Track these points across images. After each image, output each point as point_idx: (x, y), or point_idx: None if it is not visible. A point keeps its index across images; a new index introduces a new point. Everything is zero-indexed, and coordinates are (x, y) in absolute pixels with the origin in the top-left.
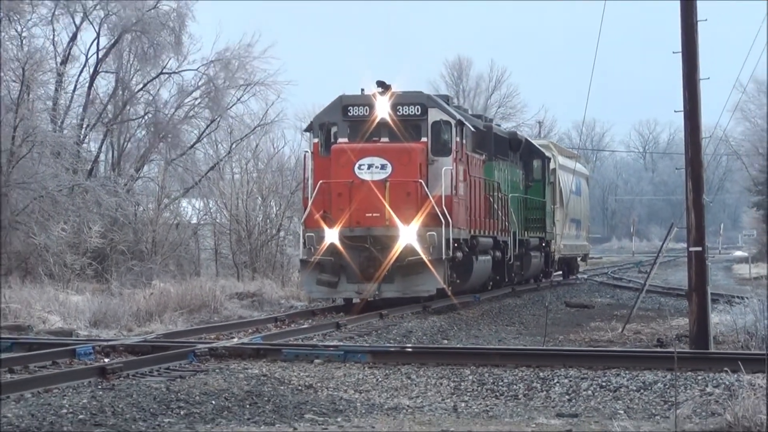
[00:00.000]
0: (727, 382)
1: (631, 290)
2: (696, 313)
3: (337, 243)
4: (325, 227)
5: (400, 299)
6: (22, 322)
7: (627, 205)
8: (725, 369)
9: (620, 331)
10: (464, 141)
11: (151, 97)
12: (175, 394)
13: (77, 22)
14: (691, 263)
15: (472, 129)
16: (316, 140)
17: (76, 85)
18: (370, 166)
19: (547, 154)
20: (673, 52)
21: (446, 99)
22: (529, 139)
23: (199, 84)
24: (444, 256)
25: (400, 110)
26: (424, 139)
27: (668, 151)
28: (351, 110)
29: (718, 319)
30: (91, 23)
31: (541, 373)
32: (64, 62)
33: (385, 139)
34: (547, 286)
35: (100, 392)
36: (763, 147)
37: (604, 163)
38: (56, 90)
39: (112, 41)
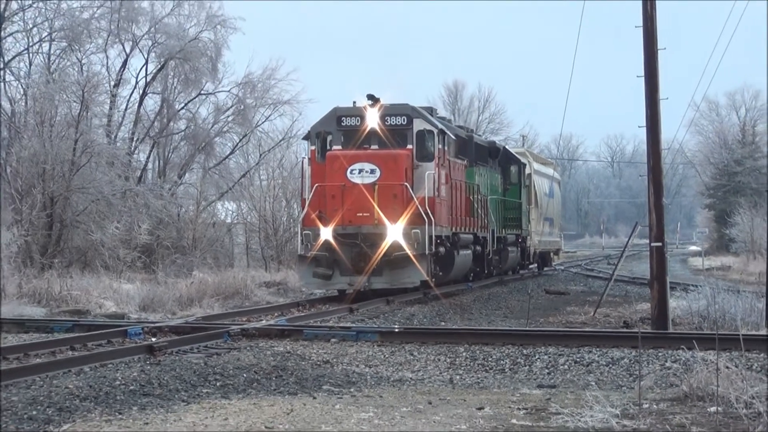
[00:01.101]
0: (684, 358)
1: (602, 279)
2: (657, 299)
3: (331, 240)
4: (321, 226)
5: (389, 290)
6: (81, 306)
7: (597, 206)
8: (682, 347)
9: (592, 315)
10: (446, 148)
11: (191, 115)
12: (212, 369)
13: (128, 50)
14: (653, 256)
15: (454, 137)
16: (312, 147)
17: (127, 105)
18: (360, 171)
19: (523, 160)
20: (637, 76)
21: (430, 111)
22: (506, 147)
23: (232, 103)
24: (427, 251)
25: (388, 120)
26: (409, 146)
27: (633, 160)
28: (344, 120)
29: (675, 304)
30: (141, 51)
31: (524, 351)
32: (117, 85)
33: (374, 146)
34: (529, 276)
35: (148, 367)
36: (714, 157)
37: (578, 170)
38: (110, 109)
39: (159, 67)
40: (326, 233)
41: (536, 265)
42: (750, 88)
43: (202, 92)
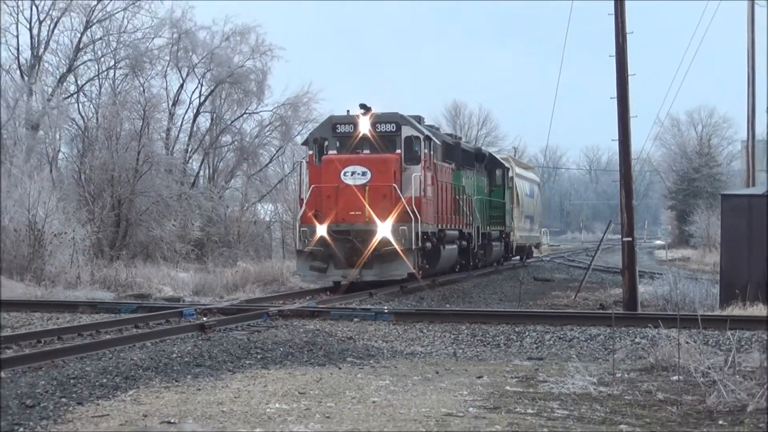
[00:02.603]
0: (651, 335)
1: (581, 269)
2: (628, 285)
3: (326, 236)
4: (317, 223)
5: (378, 281)
6: (144, 291)
7: (578, 207)
8: (649, 325)
9: (573, 298)
10: (432, 152)
11: (237, 130)
12: (253, 344)
13: (184, 76)
14: (624, 249)
15: (439, 143)
16: (311, 152)
17: (182, 121)
18: (353, 173)
19: (507, 165)
20: (611, 98)
21: (418, 119)
22: (492, 153)
23: (270, 120)
24: (413, 247)
25: (379, 127)
26: (398, 151)
27: (607, 168)
28: (339, 127)
29: (643, 289)
30: (196, 76)
31: (516, 329)
32: (174, 104)
33: (366, 151)
34: (520, 266)
35: (200, 342)
36: (676, 166)
37: (561, 177)
38: (168, 124)
39: (210, 90)
40: (321, 230)
41: (519, 257)
42: (706, 108)
43: (247, 111)
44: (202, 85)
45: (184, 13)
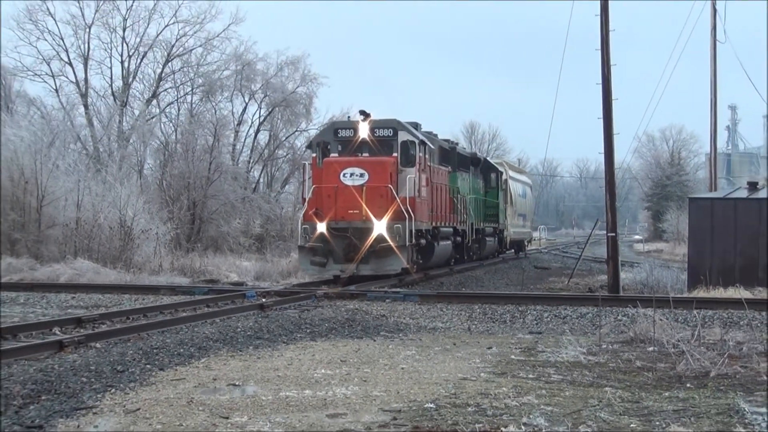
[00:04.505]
0: (631, 313)
1: (573, 259)
2: (611, 272)
3: (326, 233)
4: (317, 221)
5: (375, 276)
6: (214, 277)
7: (570, 208)
8: (629, 305)
9: (567, 283)
10: (427, 156)
11: (290, 145)
12: (303, 320)
13: (246, 100)
14: (609, 243)
15: (435, 148)
16: (314, 155)
17: (245, 138)
18: (351, 174)
19: (501, 169)
20: (598, 118)
21: (415, 125)
22: (487, 158)
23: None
24: (407, 243)
25: (377, 132)
26: (395, 154)
27: (595, 176)
28: (340, 132)
29: (624, 275)
30: (255, 101)
31: (520, 308)
32: (239, 124)
33: (366, 154)
34: (516, 258)
35: (260, 319)
36: (651, 174)
37: (557, 183)
38: (234, 140)
39: (268, 112)
40: (322, 227)
41: (513, 250)
42: (676, 126)
43: (298, 129)
44: (261, 108)
45: (246, 48)
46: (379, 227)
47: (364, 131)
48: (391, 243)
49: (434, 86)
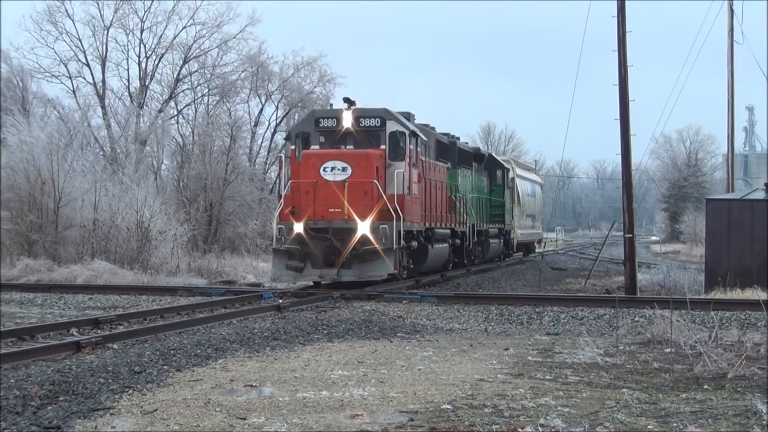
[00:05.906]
0: (648, 315)
1: (590, 260)
2: (629, 273)
3: (303, 234)
4: (294, 221)
5: (358, 282)
6: (231, 278)
7: (587, 209)
8: (646, 307)
9: (584, 284)
10: (420, 149)
11: None
12: (320, 321)
13: (263, 101)
14: (626, 244)
15: (427, 140)
16: (292, 147)
17: (262, 139)
18: (333, 169)
19: (507, 166)
20: (614, 119)
21: (407, 116)
22: (492, 154)
23: None
24: (395, 246)
25: (363, 122)
26: (382, 146)
27: (612, 177)
28: (321, 122)
29: (641, 276)
30: (272, 101)
31: (536, 309)
32: (255, 125)
33: (350, 146)
34: (536, 258)
35: (277, 320)
36: (668, 175)
37: (574, 184)
38: (251, 141)
39: (285, 113)
40: (299, 227)
41: (521, 252)
42: (693, 127)
43: None
44: (278, 109)
45: (262, 49)
46: (363, 228)
47: (347, 121)
48: (377, 245)
49: (449, 88)
